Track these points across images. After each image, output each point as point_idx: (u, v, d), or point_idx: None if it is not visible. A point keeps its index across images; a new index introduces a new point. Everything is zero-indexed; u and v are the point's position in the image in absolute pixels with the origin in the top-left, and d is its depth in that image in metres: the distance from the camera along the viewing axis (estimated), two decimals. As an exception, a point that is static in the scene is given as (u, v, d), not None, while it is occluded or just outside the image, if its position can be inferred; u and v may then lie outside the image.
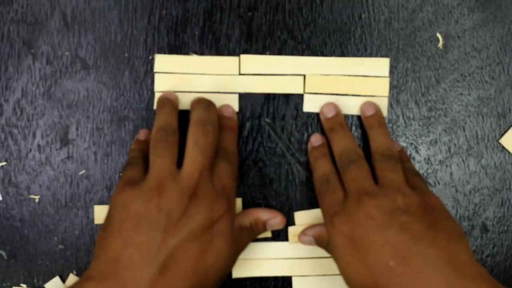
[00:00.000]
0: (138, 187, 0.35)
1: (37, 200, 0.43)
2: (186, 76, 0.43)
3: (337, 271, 0.40)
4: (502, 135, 0.43)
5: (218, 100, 0.42)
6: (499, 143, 0.43)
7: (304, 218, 0.43)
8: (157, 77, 0.43)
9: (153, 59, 0.43)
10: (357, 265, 0.34)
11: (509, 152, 0.43)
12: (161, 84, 0.43)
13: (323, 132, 0.43)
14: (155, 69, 0.43)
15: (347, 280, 0.36)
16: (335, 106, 0.42)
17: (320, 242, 0.41)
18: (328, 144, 0.42)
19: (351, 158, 0.39)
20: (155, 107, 0.43)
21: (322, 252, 0.41)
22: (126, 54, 0.43)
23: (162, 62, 0.43)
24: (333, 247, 0.37)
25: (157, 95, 0.43)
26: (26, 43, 0.43)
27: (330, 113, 0.42)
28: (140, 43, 0.43)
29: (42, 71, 0.43)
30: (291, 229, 0.43)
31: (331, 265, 0.42)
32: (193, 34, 0.43)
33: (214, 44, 0.43)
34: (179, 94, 0.42)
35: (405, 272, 0.33)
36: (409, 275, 0.32)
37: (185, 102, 0.43)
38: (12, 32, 0.43)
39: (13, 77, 0.43)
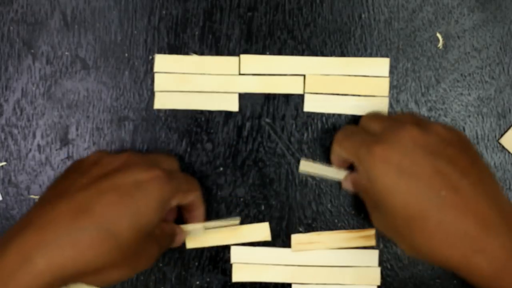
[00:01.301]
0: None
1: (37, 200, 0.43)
2: (186, 76, 0.43)
3: (337, 280, 0.41)
4: (502, 135, 0.43)
5: (218, 100, 0.42)
6: (499, 143, 0.43)
7: (301, 239, 0.43)
8: (157, 77, 0.43)
9: (153, 59, 0.43)
10: (404, 194, 0.34)
11: (509, 152, 0.43)
12: (161, 84, 0.43)
13: (322, 133, 0.43)
14: (155, 69, 0.43)
15: (391, 211, 0.34)
16: None
17: (356, 186, 0.40)
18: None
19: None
20: (155, 106, 0.43)
21: (323, 261, 0.42)
22: (126, 54, 0.43)
23: (162, 62, 0.43)
24: (374, 179, 0.35)
25: (157, 95, 0.43)
26: (26, 43, 0.43)
27: None
28: (140, 43, 0.43)
29: (42, 71, 0.43)
30: (294, 237, 0.43)
31: (331, 274, 0.43)
32: (193, 34, 0.43)
33: (214, 44, 0.43)
34: (179, 94, 0.42)
35: (457, 202, 0.33)
36: (461, 206, 0.33)
37: (185, 101, 0.43)
38: (12, 32, 0.43)
39: (13, 77, 0.43)
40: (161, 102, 0.43)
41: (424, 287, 0.43)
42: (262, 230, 0.43)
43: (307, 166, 0.42)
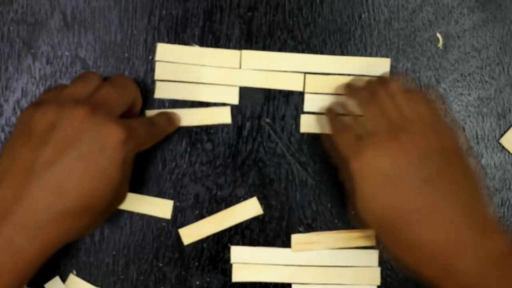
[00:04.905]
0: (41, 103, 0.35)
1: (37, 200, 0.43)
2: (188, 66, 0.43)
3: (337, 280, 0.41)
4: (502, 135, 0.43)
5: (219, 92, 0.42)
6: (499, 143, 0.43)
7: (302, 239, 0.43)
8: (158, 66, 0.43)
9: (153, 59, 0.43)
10: (387, 202, 0.34)
11: (509, 152, 0.43)
12: (162, 73, 0.43)
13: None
14: (157, 57, 0.43)
15: (369, 211, 0.35)
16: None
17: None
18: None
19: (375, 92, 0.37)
20: (155, 96, 0.43)
21: (323, 261, 0.42)
22: (126, 54, 0.43)
23: (164, 51, 0.43)
24: (360, 184, 0.35)
25: (157, 84, 0.43)
26: (26, 43, 0.43)
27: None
28: (140, 43, 0.43)
29: (42, 71, 0.43)
30: (294, 237, 0.43)
31: (331, 274, 0.43)
32: (193, 34, 0.43)
33: (214, 44, 0.43)
34: (179, 84, 0.43)
35: (436, 221, 0.33)
36: (440, 225, 0.33)
37: (184, 92, 0.43)
38: (12, 32, 0.43)
39: (13, 77, 0.43)
40: (162, 91, 0.43)
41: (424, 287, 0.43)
42: (252, 206, 0.43)
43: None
